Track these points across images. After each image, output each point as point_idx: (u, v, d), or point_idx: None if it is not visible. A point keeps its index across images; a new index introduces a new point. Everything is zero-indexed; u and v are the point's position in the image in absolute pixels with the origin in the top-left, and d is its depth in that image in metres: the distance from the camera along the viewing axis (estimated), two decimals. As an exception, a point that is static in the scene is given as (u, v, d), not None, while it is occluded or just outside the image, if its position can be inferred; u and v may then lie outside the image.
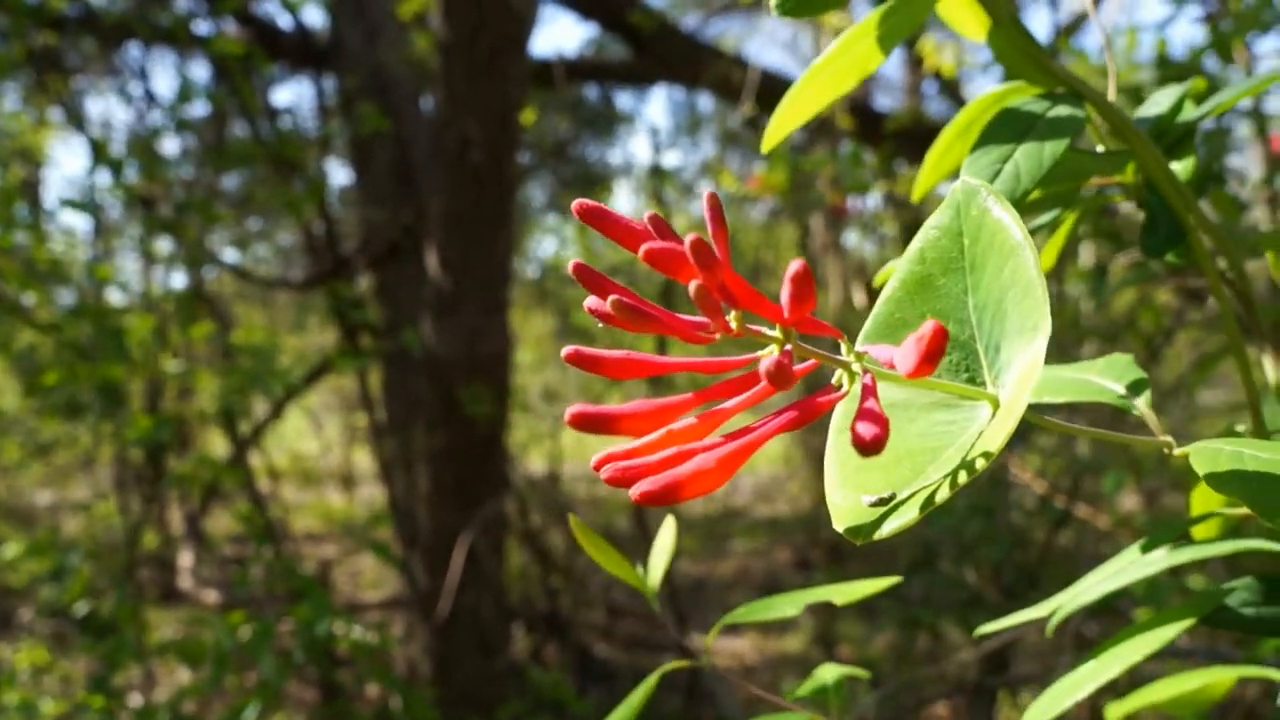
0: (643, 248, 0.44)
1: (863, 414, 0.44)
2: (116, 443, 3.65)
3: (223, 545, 5.89)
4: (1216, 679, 0.87)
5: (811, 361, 0.50)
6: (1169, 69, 2.22)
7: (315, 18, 13.38)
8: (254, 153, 3.90)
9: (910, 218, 5.06)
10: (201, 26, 5.00)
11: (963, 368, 0.57)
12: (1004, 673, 2.55)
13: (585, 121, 8.22)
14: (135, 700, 3.25)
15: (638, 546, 6.28)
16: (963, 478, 0.48)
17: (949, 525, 2.91)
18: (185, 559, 5.41)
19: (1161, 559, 0.77)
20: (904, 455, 0.54)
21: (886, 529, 0.49)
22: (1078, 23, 4.37)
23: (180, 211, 3.91)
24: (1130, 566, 0.76)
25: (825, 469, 0.56)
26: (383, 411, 5.39)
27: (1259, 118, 2.65)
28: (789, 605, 0.82)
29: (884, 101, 8.30)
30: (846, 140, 5.98)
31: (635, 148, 30.35)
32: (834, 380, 0.52)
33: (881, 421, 0.44)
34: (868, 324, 0.59)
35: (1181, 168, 0.78)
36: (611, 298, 0.46)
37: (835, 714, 0.78)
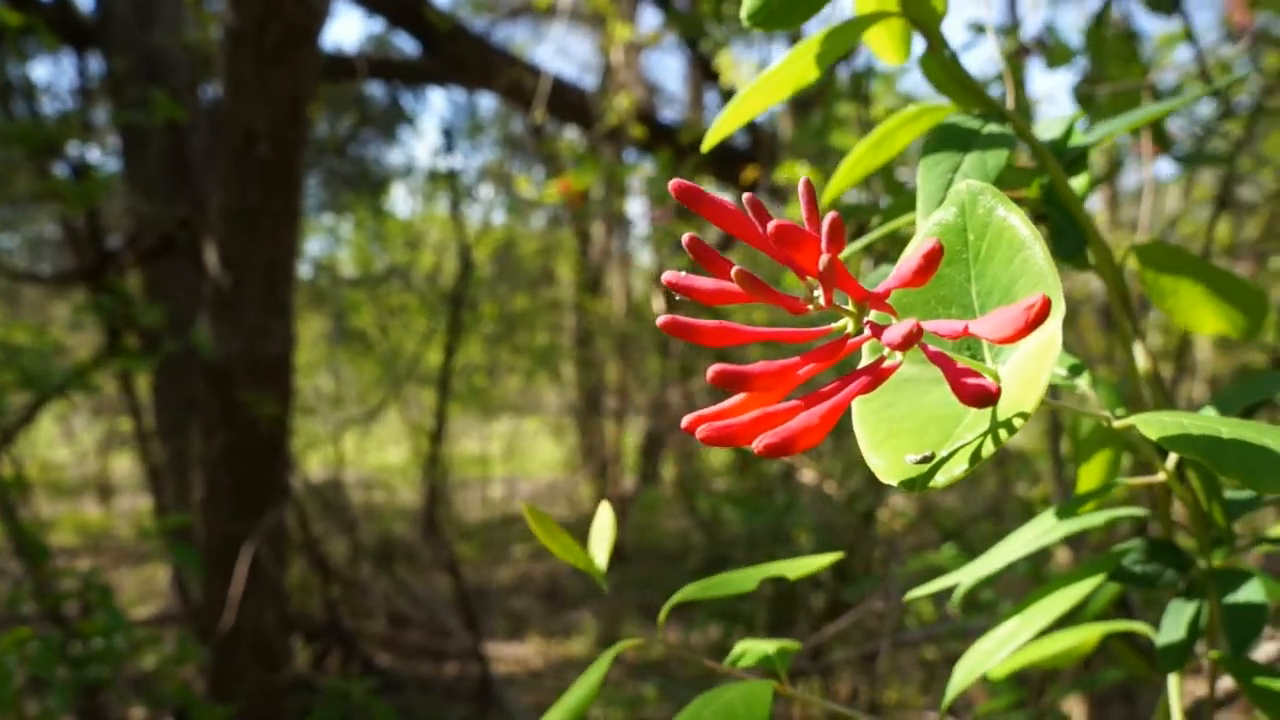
0: (771, 224, 0.48)
1: (963, 373, 0.51)
2: None
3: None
4: (1087, 635, 0.99)
5: (869, 333, 0.56)
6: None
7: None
8: (17, 134, 3.57)
9: (697, 226, 5.26)
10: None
11: (964, 347, 0.64)
12: (821, 659, 2.72)
13: (368, 120, 8.02)
14: None
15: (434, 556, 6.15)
16: (1004, 435, 0.55)
17: (768, 521, 3.07)
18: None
19: (1059, 529, 0.88)
20: (928, 421, 0.60)
21: (941, 480, 0.55)
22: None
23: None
24: (1037, 537, 0.86)
25: (857, 436, 0.61)
26: (151, 415, 5.07)
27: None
28: (746, 581, 0.87)
29: (666, 113, 8.56)
30: (629, 148, 6.15)
31: (416, 148, 29.55)
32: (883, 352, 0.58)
33: (978, 375, 0.50)
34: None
35: (1079, 184, 0.90)
36: (735, 269, 0.50)
37: (785, 680, 0.83)
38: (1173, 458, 0.86)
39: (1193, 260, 0.99)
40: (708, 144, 0.95)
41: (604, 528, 0.94)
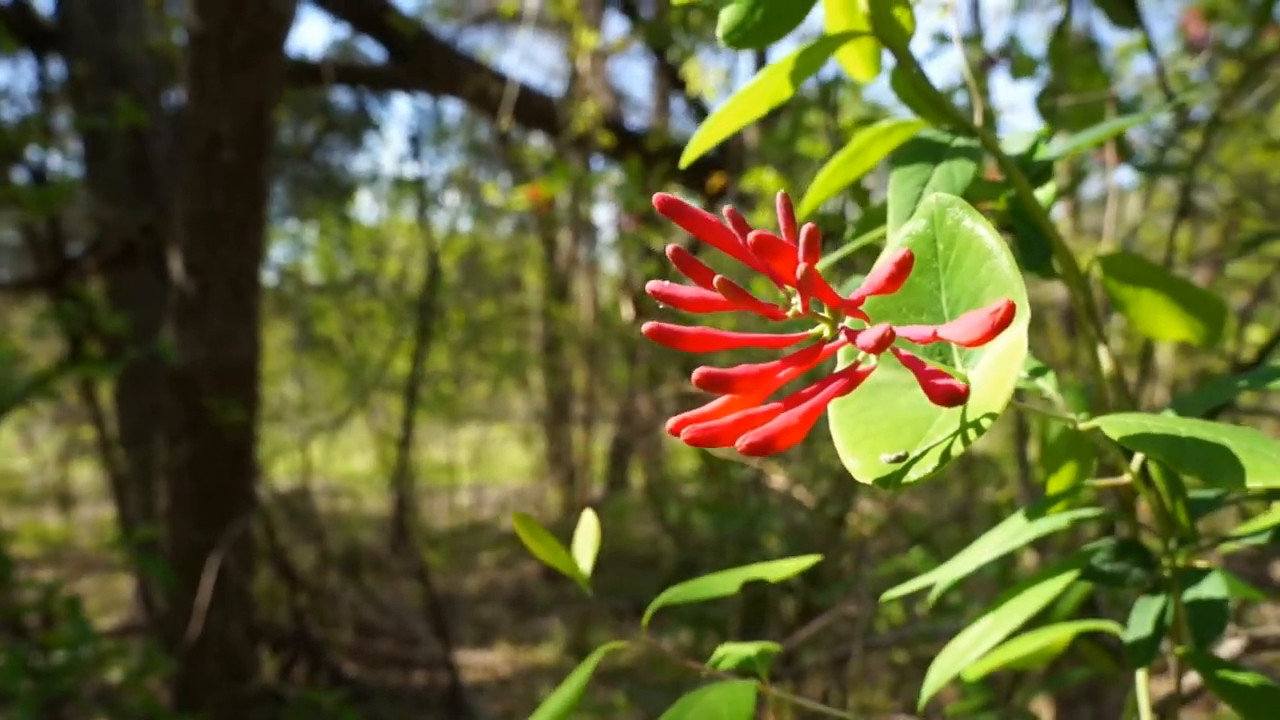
0: (751, 235, 0.50)
1: (933, 374, 0.53)
2: None
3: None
4: (1059, 634, 1.01)
5: (844, 338, 0.57)
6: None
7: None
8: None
9: (663, 232, 5.28)
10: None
11: (935, 352, 0.66)
12: (793, 664, 2.74)
13: (334, 126, 7.98)
14: None
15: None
16: (973, 435, 0.57)
17: (734, 529, 3.09)
18: None
19: (1029, 530, 0.90)
20: (903, 423, 0.62)
21: (913, 476, 0.57)
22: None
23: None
24: (1010, 538, 0.88)
25: (834, 437, 0.63)
26: (113, 423, 5.01)
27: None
28: (726, 584, 0.88)
29: (633, 120, 8.57)
30: (598, 155, 6.15)
31: (381, 155, 29.45)
32: (859, 357, 0.60)
33: (948, 376, 0.53)
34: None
35: (1044, 196, 0.93)
36: (718, 278, 0.51)
37: (766, 681, 0.85)
38: (1138, 459, 0.88)
39: (1154, 270, 1.02)
40: (685, 161, 0.96)
41: (588, 532, 0.95)
